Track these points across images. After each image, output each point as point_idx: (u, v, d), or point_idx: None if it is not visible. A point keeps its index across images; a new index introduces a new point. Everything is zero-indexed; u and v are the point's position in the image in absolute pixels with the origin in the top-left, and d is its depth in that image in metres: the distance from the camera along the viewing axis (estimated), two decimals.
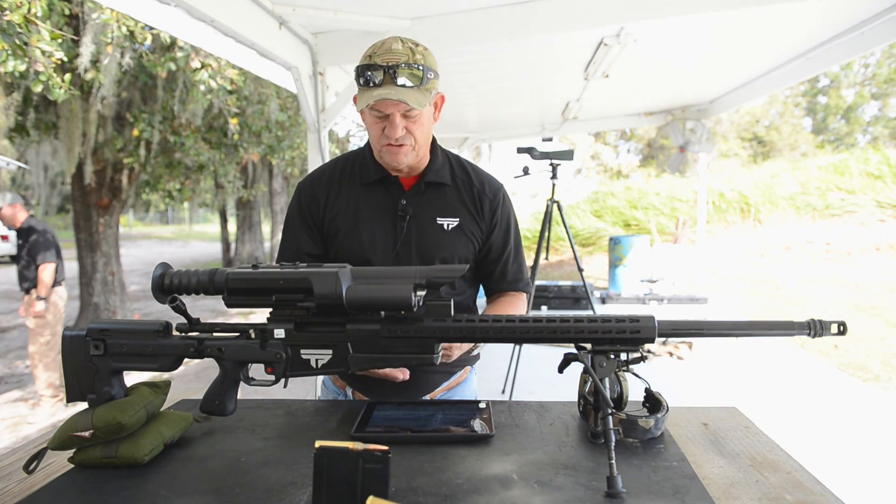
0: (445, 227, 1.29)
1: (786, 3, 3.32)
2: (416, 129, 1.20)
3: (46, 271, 4.26)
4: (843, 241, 10.05)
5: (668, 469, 0.84)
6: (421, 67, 1.16)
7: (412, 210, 1.28)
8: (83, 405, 0.93)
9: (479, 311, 1.13)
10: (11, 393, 5.05)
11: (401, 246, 1.27)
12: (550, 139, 4.07)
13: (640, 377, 0.99)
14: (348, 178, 1.34)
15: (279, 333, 0.93)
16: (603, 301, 7.29)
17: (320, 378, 1.49)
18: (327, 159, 3.46)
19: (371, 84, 1.15)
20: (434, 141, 1.35)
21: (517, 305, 1.38)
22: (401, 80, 1.13)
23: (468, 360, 1.42)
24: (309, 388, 3.70)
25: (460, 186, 1.33)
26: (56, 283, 4.43)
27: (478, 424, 0.99)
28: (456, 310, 1.19)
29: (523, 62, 4.39)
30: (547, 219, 3.91)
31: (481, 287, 1.44)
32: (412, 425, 1.00)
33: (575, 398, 1.08)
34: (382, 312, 0.90)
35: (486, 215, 1.33)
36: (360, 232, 1.29)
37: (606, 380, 0.87)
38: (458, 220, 1.30)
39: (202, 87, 5.46)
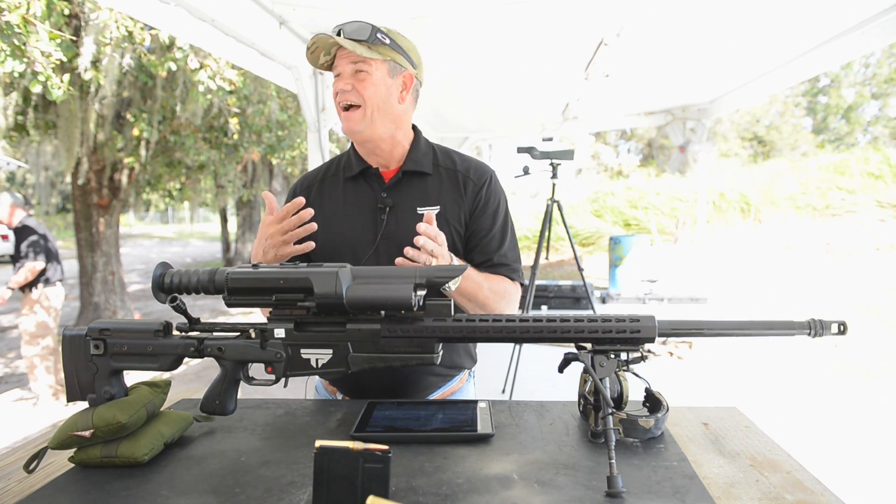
0: None
1: (786, 3, 3.32)
2: (363, 88, 1.22)
3: (28, 271, 4.29)
4: (843, 241, 10.04)
5: (668, 469, 0.84)
6: (371, 26, 1.21)
7: (392, 202, 1.28)
8: (83, 405, 0.93)
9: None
10: (12, 393, 5.05)
11: (381, 239, 1.26)
12: (550, 139, 4.07)
13: (640, 377, 0.99)
14: (333, 175, 1.36)
15: (279, 333, 0.93)
16: (603, 301, 7.29)
17: (311, 383, 1.48)
18: (328, 159, 3.46)
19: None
20: (418, 133, 1.36)
21: (495, 282, 1.26)
22: (348, 33, 1.20)
23: (465, 363, 1.38)
24: (300, 391, 3.70)
25: (443, 174, 1.31)
26: (50, 282, 4.44)
27: (478, 424, 0.99)
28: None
29: (523, 62, 4.39)
30: (547, 218, 3.91)
31: None
32: (412, 425, 1.00)
33: (575, 398, 1.08)
34: (382, 312, 0.90)
35: (468, 197, 1.29)
36: (340, 227, 1.29)
37: (606, 379, 0.87)
38: (439, 207, 1.27)
39: (201, 88, 5.47)
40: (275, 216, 1.16)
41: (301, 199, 1.16)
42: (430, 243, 1.06)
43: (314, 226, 1.15)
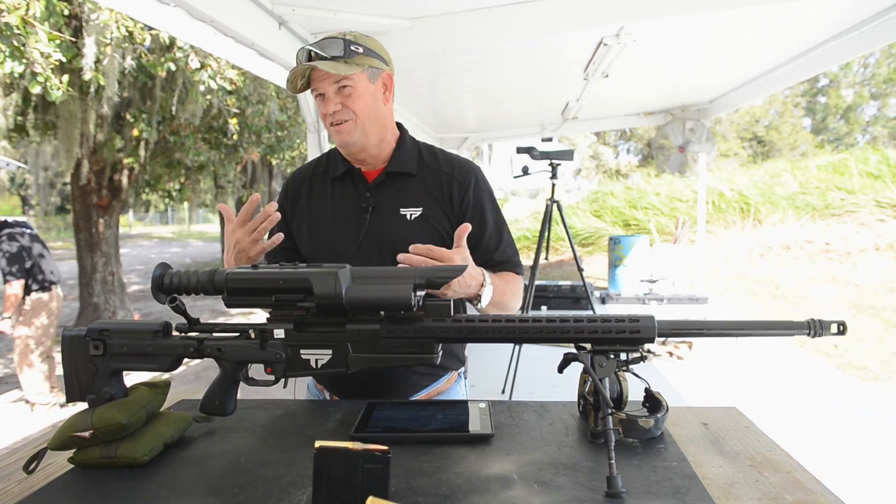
0: (408, 217, 1.27)
1: (785, 3, 3.32)
2: (351, 102, 1.22)
3: (13, 295, 4.21)
4: (842, 241, 10.05)
5: (668, 469, 0.84)
6: (343, 41, 1.20)
7: (375, 202, 1.28)
8: (83, 405, 0.93)
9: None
10: (12, 393, 5.05)
11: (363, 238, 1.26)
12: (550, 139, 4.07)
13: (639, 377, 0.99)
14: (322, 173, 1.37)
15: (279, 333, 0.93)
16: (603, 301, 7.29)
17: (303, 381, 1.47)
18: None
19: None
20: (404, 132, 1.36)
21: (510, 281, 1.29)
22: (322, 54, 1.19)
23: (451, 364, 1.37)
24: (293, 389, 3.69)
25: (426, 174, 1.31)
26: (45, 287, 4.39)
27: (478, 424, 0.99)
28: None
29: (523, 62, 4.39)
30: (547, 219, 3.91)
31: None
32: (412, 426, 1.00)
33: (575, 398, 1.08)
34: (382, 312, 0.90)
35: (455, 199, 1.29)
36: (324, 225, 1.31)
37: (606, 380, 0.87)
38: (421, 209, 1.27)
39: (201, 88, 5.47)
40: (237, 220, 1.16)
41: (257, 196, 1.17)
42: (418, 258, 1.07)
43: (278, 216, 1.15)
